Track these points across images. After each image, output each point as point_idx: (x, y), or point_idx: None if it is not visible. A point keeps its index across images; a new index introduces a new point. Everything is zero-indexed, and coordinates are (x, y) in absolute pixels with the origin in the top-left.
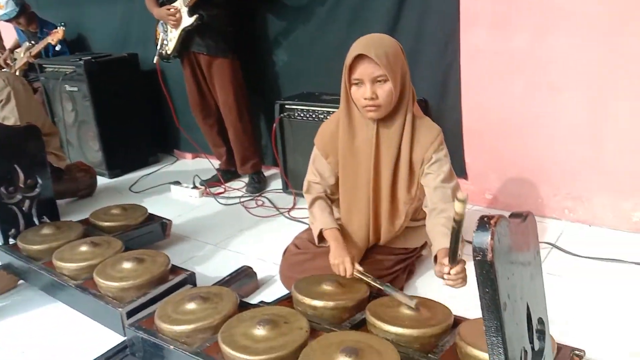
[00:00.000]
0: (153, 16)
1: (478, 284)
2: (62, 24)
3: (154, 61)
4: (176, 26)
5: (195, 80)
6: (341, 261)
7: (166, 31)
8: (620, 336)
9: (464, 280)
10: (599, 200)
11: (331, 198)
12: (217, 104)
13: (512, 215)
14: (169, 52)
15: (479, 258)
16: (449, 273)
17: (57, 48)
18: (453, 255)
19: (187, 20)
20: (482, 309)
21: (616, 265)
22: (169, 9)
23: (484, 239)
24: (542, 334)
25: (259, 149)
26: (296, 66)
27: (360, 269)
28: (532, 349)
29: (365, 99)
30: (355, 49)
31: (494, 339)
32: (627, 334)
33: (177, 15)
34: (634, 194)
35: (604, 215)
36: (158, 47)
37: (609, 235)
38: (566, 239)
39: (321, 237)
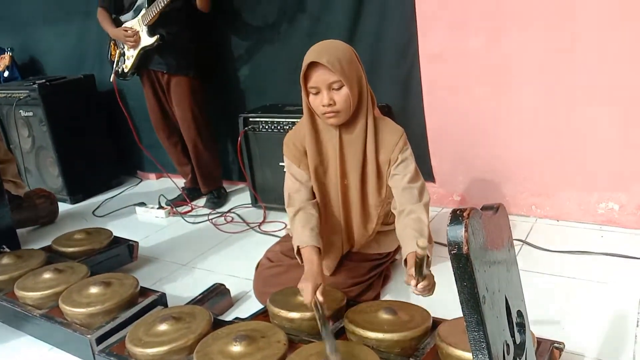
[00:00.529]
0: (105, 33)
1: (456, 278)
2: (9, 49)
3: (111, 79)
4: (134, 47)
5: (156, 98)
6: (304, 287)
7: (123, 48)
8: (596, 326)
9: (430, 290)
10: (565, 195)
11: (315, 204)
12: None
13: (484, 208)
14: (126, 70)
15: (454, 252)
16: (415, 286)
17: (6, 74)
18: (419, 276)
19: (147, 40)
20: (461, 304)
21: (586, 257)
22: (125, 30)
23: (458, 232)
24: (522, 327)
25: (220, 165)
26: (258, 79)
27: (320, 299)
28: (514, 342)
29: (323, 105)
30: (307, 57)
31: (476, 333)
32: (603, 323)
33: (135, 37)
34: (597, 187)
35: (570, 209)
36: (114, 64)
37: (576, 229)
38: (536, 235)
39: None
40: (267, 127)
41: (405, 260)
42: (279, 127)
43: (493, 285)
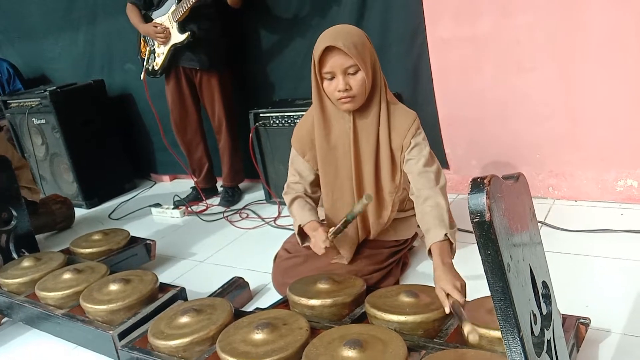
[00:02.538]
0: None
1: (479, 247)
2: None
3: (141, 77)
4: (165, 43)
5: (181, 97)
6: (314, 241)
7: (153, 45)
8: (621, 302)
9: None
10: (582, 174)
11: (312, 197)
12: (201, 120)
13: (505, 177)
14: (156, 67)
15: (477, 220)
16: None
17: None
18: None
19: (178, 37)
20: (485, 273)
21: (607, 236)
22: (156, 26)
23: (480, 199)
24: (547, 298)
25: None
26: (266, 75)
27: (331, 230)
28: (540, 313)
29: (339, 91)
30: (322, 41)
31: (502, 303)
32: (627, 300)
33: (165, 32)
34: (615, 164)
35: (588, 188)
36: (145, 62)
37: (596, 208)
38: (555, 216)
39: (304, 235)
40: (277, 122)
41: (429, 251)
42: (289, 122)
43: (517, 254)
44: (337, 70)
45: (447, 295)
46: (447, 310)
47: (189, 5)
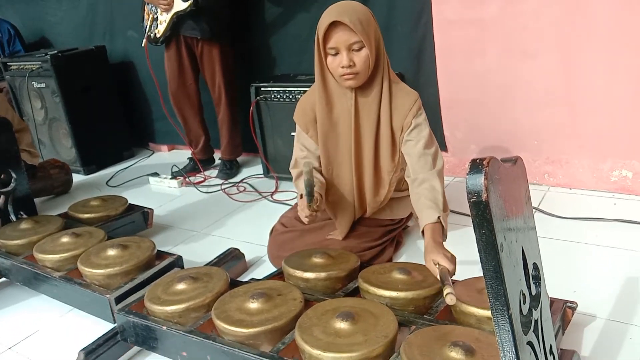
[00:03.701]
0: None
1: (474, 226)
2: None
3: (142, 44)
4: (167, 10)
5: (180, 66)
6: (298, 209)
7: (156, 12)
8: (608, 289)
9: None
10: (578, 163)
11: (320, 170)
12: (199, 92)
13: (503, 160)
14: (158, 35)
15: (474, 199)
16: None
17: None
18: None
19: (181, 5)
20: (479, 252)
21: (599, 224)
22: None
23: (478, 180)
24: (537, 279)
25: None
26: (269, 48)
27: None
28: (530, 293)
29: (342, 67)
30: (327, 16)
31: (493, 281)
32: (615, 287)
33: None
34: (611, 154)
35: (583, 177)
36: (146, 29)
37: (590, 196)
38: (549, 203)
39: None
40: (279, 96)
41: (423, 232)
42: (291, 97)
43: (510, 235)
44: (341, 46)
45: (437, 264)
46: (438, 277)
47: None
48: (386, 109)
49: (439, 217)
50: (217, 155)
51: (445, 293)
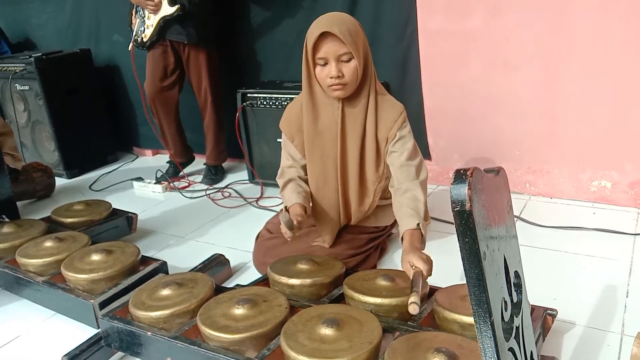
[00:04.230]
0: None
1: (458, 235)
2: None
3: (129, 48)
4: (155, 12)
5: (164, 71)
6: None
7: (143, 16)
8: (588, 297)
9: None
10: (559, 173)
11: (305, 180)
12: (177, 98)
13: (486, 170)
14: (145, 39)
15: (457, 209)
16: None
17: None
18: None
19: (168, 9)
20: (462, 261)
21: (578, 233)
22: None
23: (462, 190)
24: (519, 287)
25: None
26: (255, 54)
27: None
28: (512, 300)
29: (331, 77)
30: (317, 27)
31: (476, 289)
32: (594, 294)
33: (156, 0)
34: (591, 165)
35: (563, 186)
36: (133, 33)
37: (570, 206)
38: (530, 212)
39: None
40: (265, 103)
41: (402, 238)
42: (277, 104)
43: (493, 244)
44: (330, 56)
45: (413, 266)
46: (411, 277)
47: None
48: (372, 120)
49: (418, 224)
50: (200, 160)
51: (409, 302)
